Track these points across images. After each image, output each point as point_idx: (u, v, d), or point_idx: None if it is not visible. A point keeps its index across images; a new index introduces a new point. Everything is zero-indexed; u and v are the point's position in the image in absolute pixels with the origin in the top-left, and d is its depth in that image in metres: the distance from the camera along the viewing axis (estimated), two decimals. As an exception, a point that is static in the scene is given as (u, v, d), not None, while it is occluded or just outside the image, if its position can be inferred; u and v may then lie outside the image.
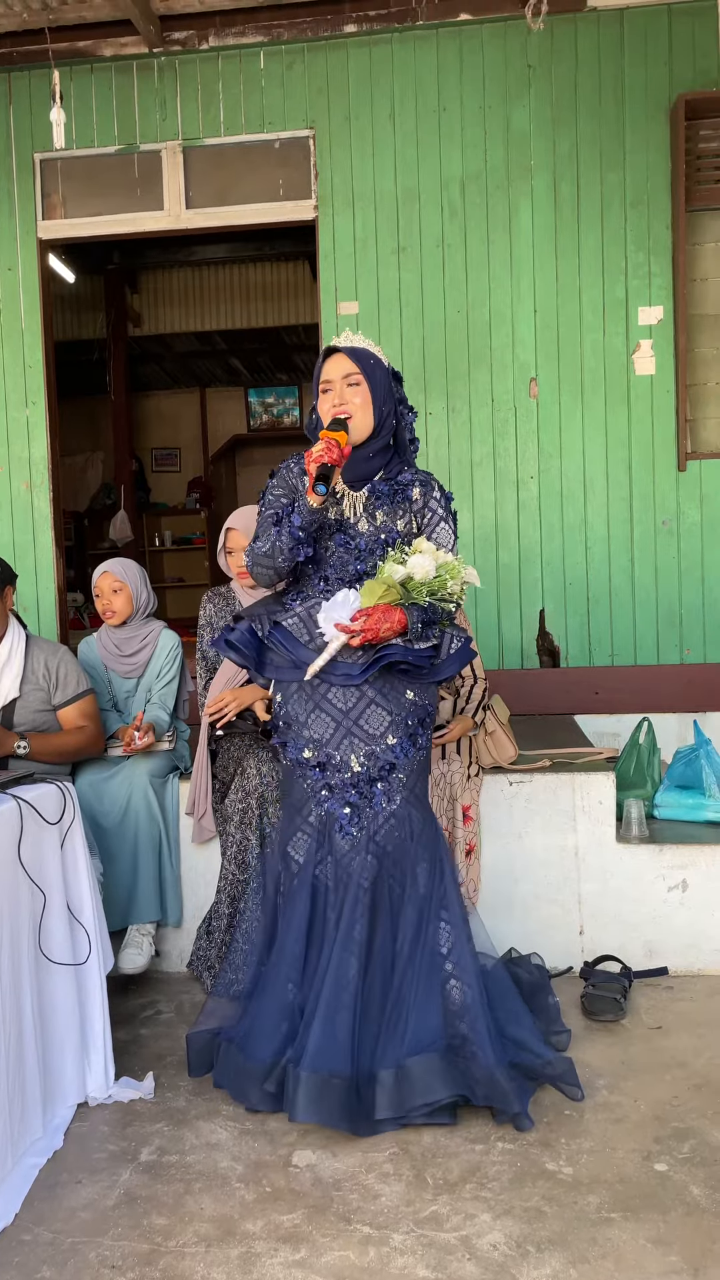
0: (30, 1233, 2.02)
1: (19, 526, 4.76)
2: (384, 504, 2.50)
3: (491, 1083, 2.29)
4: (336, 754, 2.46)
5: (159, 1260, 1.92)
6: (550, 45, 4.40)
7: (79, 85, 4.62)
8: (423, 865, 2.43)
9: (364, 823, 2.43)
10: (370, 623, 2.34)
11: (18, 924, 2.30)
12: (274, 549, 2.44)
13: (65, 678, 3.07)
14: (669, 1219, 1.99)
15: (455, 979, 2.37)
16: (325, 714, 2.46)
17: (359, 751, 2.45)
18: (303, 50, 4.51)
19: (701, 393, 4.49)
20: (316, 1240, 1.97)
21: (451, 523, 2.54)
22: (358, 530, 2.48)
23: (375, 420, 2.48)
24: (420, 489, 2.52)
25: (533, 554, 4.51)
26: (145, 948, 3.08)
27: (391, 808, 2.44)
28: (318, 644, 2.45)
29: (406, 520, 2.50)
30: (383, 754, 2.44)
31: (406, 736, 2.46)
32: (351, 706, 2.46)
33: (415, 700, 2.48)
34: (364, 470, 2.50)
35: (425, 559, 2.38)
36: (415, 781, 2.48)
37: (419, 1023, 2.31)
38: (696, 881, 3.11)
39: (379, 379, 2.48)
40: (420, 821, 2.47)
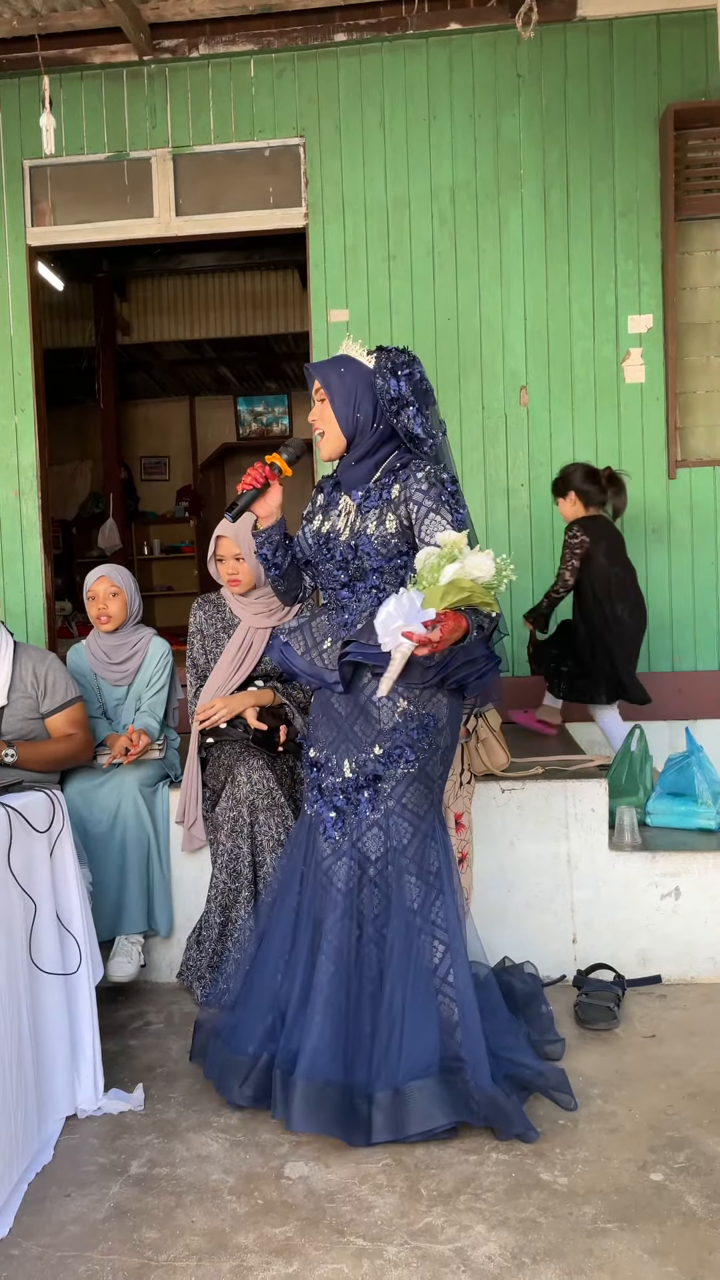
0: (19, 1247, 1.99)
1: (7, 534, 4.73)
2: (364, 509, 2.43)
3: (493, 1105, 2.26)
4: (334, 757, 2.46)
5: (149, 1274, 1.90)
6: (540, 55, 4.41)
7: (69, 92, 4.61)
8: (409, 878, 2.36)
9: (347, 829, 2.41)
10: (445, 630, 2.16)
11: (10, 933, 2.27)
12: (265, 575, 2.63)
13: (53, 685, 3.04)
14: (665, 1229, 1.97)
15: (449, 999, 2.32)
16: (330, 718, 2.49)
17: (351, 757, 2.44)
18: (293, 58, 4.52)
19: (691, 401, 4.50)
20: (309, 1253, 1.94)
21: (447, 511, 2.35)
22: (339, 540, 2.46)
23: (346, 430, 2.43)
24: (399, 486, 2.38)
25: (523, 562, 4.50)
26: (134, 956, 3.05)
27: (374, 817, 2.39)
28: (312, 656, 2.46)
29: (380, 521, 2.38)
30: (369, 763, 2.41)
31: (394, 748, 2.38)
32: (348, 713, 2.46)
33: (408, 710, 2.37)
34: (355, 477, 2.48)
35: (484, 559, 2.20)
36: (404, 793, 2.39)
37: (414, 1044, 2.27)
38: (689, 889, 3.10)
39: (346, 385, 2.40)
40: (409, 834, 2.38)
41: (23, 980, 2.29)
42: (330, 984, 2.31)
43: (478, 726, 3.22)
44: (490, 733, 3.24)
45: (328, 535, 2.48)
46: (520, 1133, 2.27)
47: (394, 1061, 2.26)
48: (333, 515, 2.51)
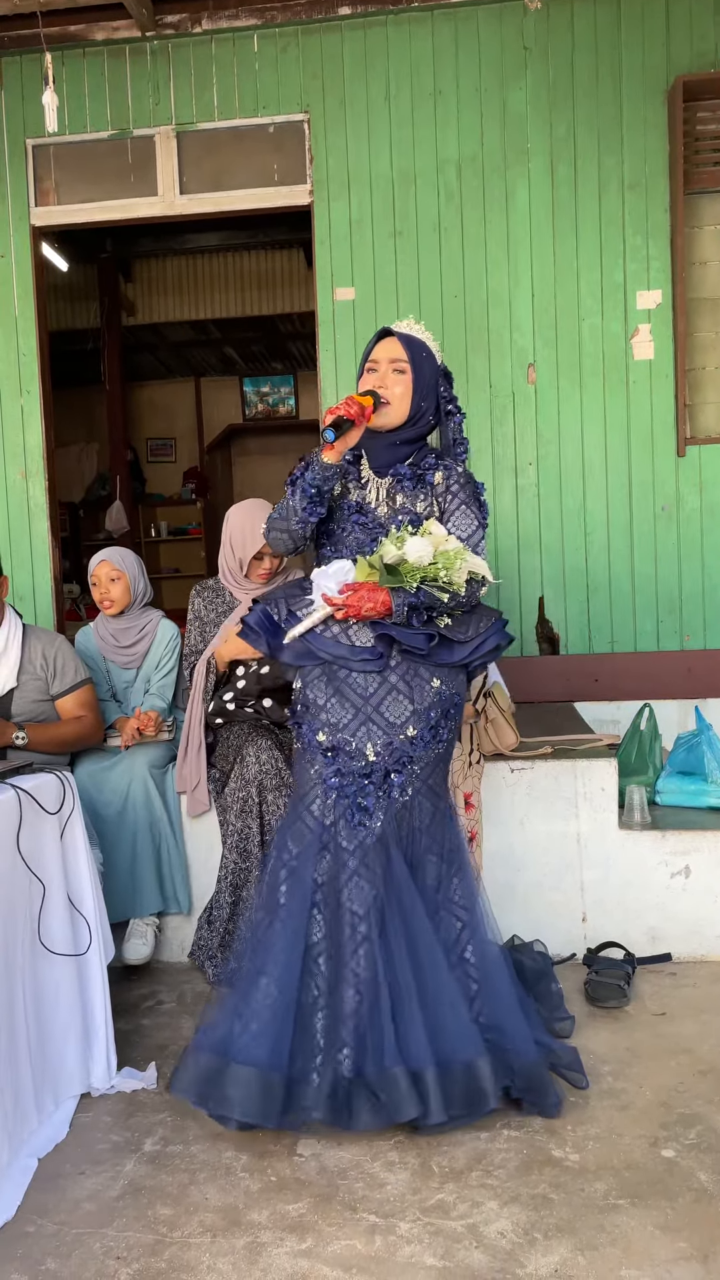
0: (34, 1224, 2.01)
1: (14, 516, 4.72)
2: (405, 488, 2.49)
3: (531, 1076, 2.26)
4: (352, 741, 2.38)
5: (164, 1251, 1.91)
6: (547, 27, 4.35)
7: (71, 70, 4.57)
8: (431, 857, 2.38)
9: (376, 813, 2.36)
10: (354, 598, 2.31)
11: (14, 915, 2.28)
12: (287, 509, 2.45)
13: (63, 667, 3.04)
14: (677, 1205, 1.98)
15: (471, 975, 2.32)
16: (345, 699, 2.41)
17: (376, 740, 2.37)
18: (297, 33, 4.46)
19: (700, 377, 4.46)
20: (322, 1229, 1.95)
21: (476, 510, 2.48)
22: (376, 514, 2.48)
23: (411, 411, 2.46)
24: (443, 473, 2.49)
25: (531, 541, 4.48)
26: (149, 937, 3.07)
27: (404, 799, 2.38)
28: (332, 633, 2.42)
29: (428, 504, 2.48)
30: (401, 745, 2.37)
31: (428, 728, 2.39)
32: (373, 692, 2.40)
33: (441, 689, 2.41)
34: (389, 458, 2.51)
35: (422, 543, 2.31)
36: (431, 773, 2.42)
37: (455, 1022, 2.25)
38: (699, 867, 3.10)
39: (425, 372, 2.47)
40: (430, 813, 2.40)
41: (22, 961, 2.30)
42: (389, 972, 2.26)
43: (486, 707, 3.21)
44: (499, 713, 3.23)
45: (359, 504, 2.50)
46: (552, 1104, 2.27)
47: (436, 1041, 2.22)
48: (354, 486, 2.53)
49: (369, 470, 2.53)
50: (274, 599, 2.51)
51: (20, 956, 2.30)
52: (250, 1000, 2.29)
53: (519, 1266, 1.83)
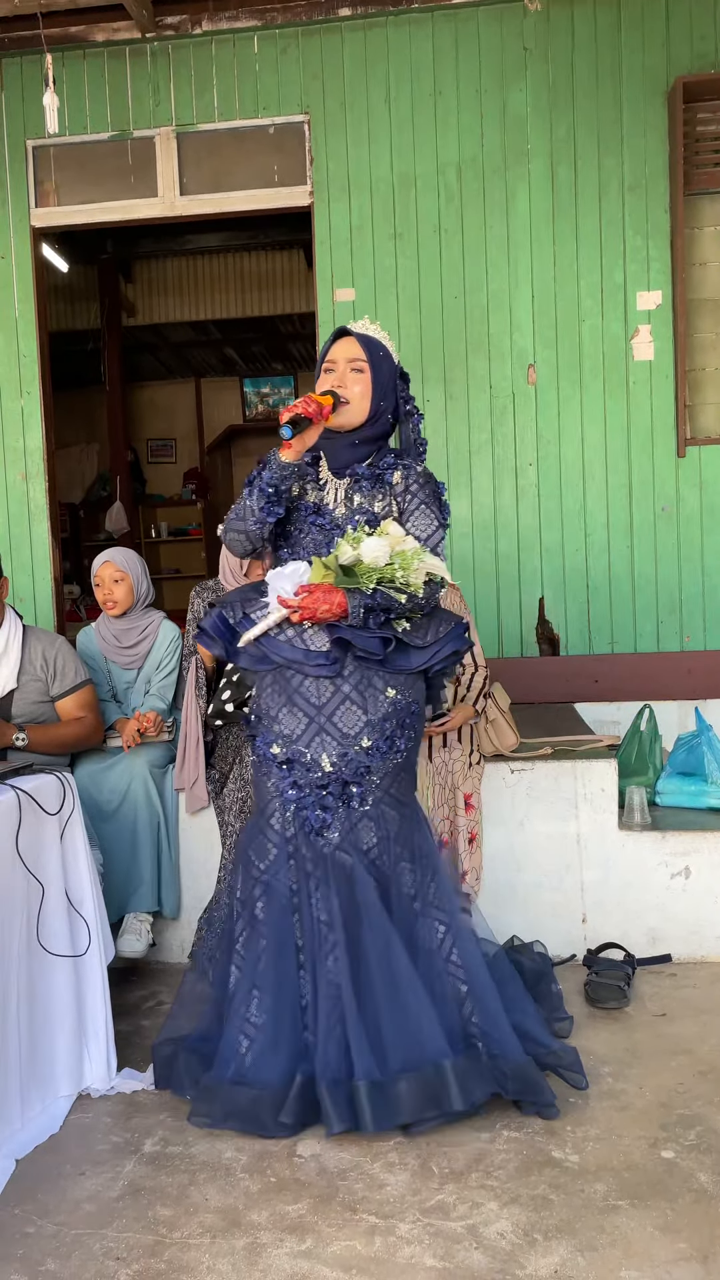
0: (34, 1225, 2.01)
1: (14, 517, 4.73)
2: (364, 488, 2.44)
3: (523, 1077, 2.26)
4: (307, 752, 2.33)
5: (164, 1251, 1.91)
6: (547, 28, 4.36)
7: (71, 71, 4.57)
8: (404, 865, 2.35)
9: (337, 824, 2.33)
10: (308, 600, 2.26)
11: (11, 916, 2.28)
12: (244, 510, 2.39)
13: (63, 668, 3.04)
14: (676, 1206, 1.98)
15: (457, 977, 2.32)
16: (297, 708, 2.35)
17: (331, 750, 2.33)
18: (297, 34, 4.47)
19: (700, 378, 4.46)
20: (322, 1230, 1.95)
21: (435, 510, 2.44)
22: (334, 515, 2.43)
23: (371, 411, 2.43)
24: (402, 473, 2.44)
25: (532, 541, 4.49)
26: (144, 934, 3.06)
27: (364, 809, 2.34)
28: (287, 636, 2.36)
29: (386, 503, 2.43)
30: (357, 756, 2.32)
31: (384, 739, 2.33)
32: (325, 701, 2.34)
33: (397, 699, 2.36)
34: (348, 458, 2.46)
35: (378, 543, 2.26)
36: (392, 783, 2.37)
37: (437, 1023, 2.25)
38: (699, 868, 3.10)
39: (384, 371, 2.44)
40: (398, 821, 2.36)
41: (18, 961, 2.30)
42: (351, 981, 2.26)
43: (486, 707, 3.21)
44: (499, 713, 3.23)
45: (317, 505, 2.45)
46: (547, 1103, 2.27)
47: (419, 1041, 2.24)
48: (312, 487, 2.48)
49: (327, 471, 2.48)
50: (229, 602, 2.46)
51: (15, 957, 2.30)
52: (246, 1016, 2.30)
53: (519, 1267, 1.83)
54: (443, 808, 3.07)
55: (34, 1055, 2.37)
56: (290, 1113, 2.24)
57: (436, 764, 3.08)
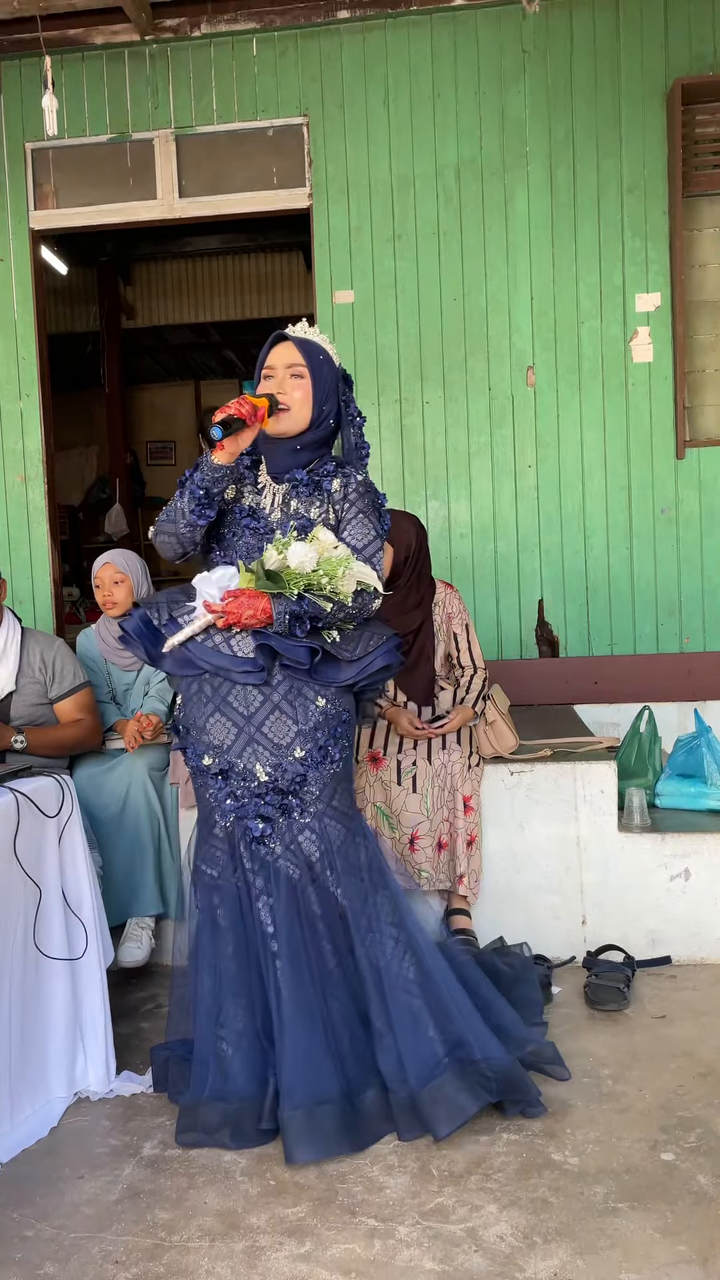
0: (33, 1228, 2.00)
1: (14, 520, 4.73)
2: (301, 493, 2.38)
3: (507, 1079, 2.25)
4: (239, 762, 2.29)
5: (163, 1255, 1.91)
6: (545, 30, 4.36)
7: (70, 74, 4.58)
8: (348, 878, 2.30)
9: (277, 834, 2.29)
10: (233, 605, 2.21)
11: (8, 919, 2.28)
12: (175, 511, 2.31)
13: (62, 670, 3.04)
14: (676, 1209, 1.97)
15: (419, 987, 2.28)
16: (226, 718, 2.29)
17: (264, 761, 2.28)
18: (296, 37, 4.47)
19: (700, 380, 4.46)
20: (321, 1233, 1.95)
21: (373, 520, 2.37)
22: (269, 519, 2.37)
23: (313, 416, 2.36)
24: (341, 481, 2.37)
25: (531, 543, 4.49)
26: (145, 941, 3.06)
27: (305, 820, 2.29)
28: (214, 642, 2.31)
29: (323, 510, 2.36)
30: (291, 766, 2.27)
31: (316, 749, 2.29)
32: (254, 711, 2.29)
33: (327, 709, 2.30)
34: (289, 463, 2.40)
35: (305, 549, 2.22)
36: (332, 793, 2.32)
37: (413, 1044, 2.23)
38: (699, 870, 3.10)
39: (324, 376, 2.38)
40: (340, 834, 2.32)
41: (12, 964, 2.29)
42: (295, 998, 2.23)
43: (486, 709, 3.21)
44: (499, 715, 3.23)
45: (253, 509, 2.39)
46: (531, 1101, 2.26)
47: (398, 1063, 2.23)
48: (250, 491, 2.42)
49: (266, 476, 2.42)
50: (155, 604, 2.39)
51: (11, 960, 2.30)
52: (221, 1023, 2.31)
53: (518, 1270, 1.82)
54: (442, 810, 3.07)
55: (25, 1058, 2.37)
56: (271, 1118, 2.25)
57: (436, 766, 3.08)
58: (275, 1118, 2.24)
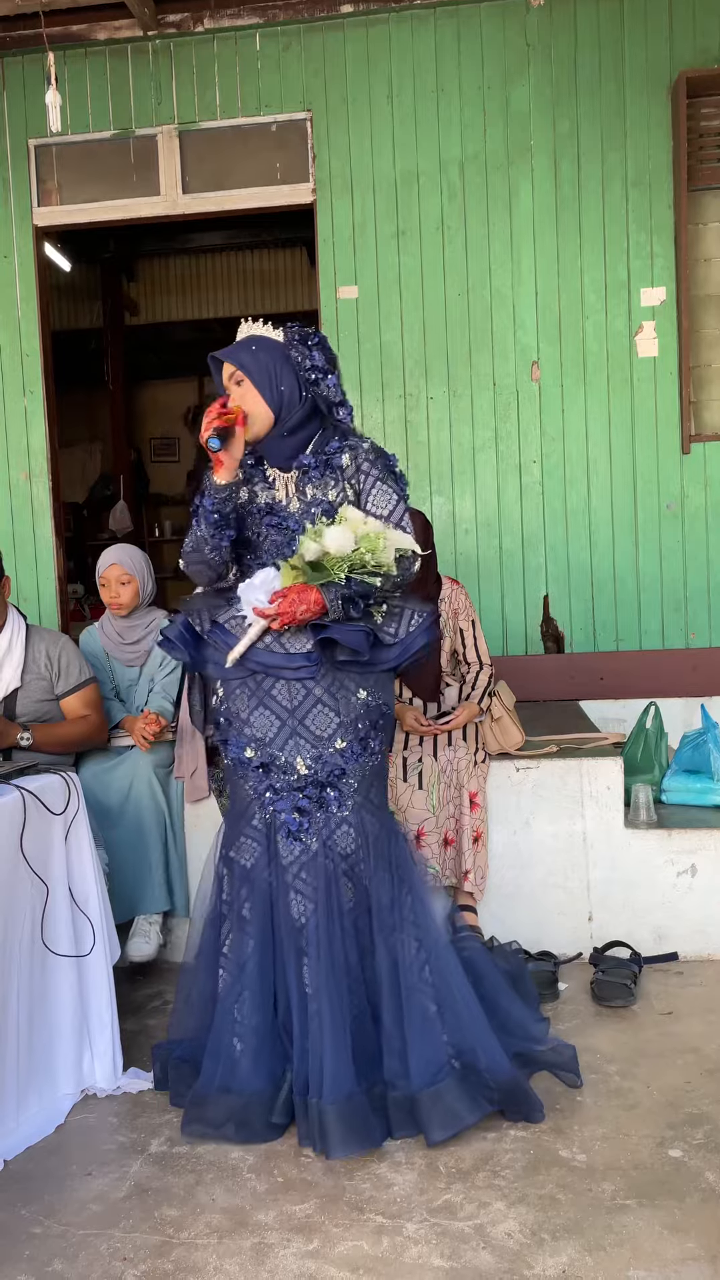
0: (41, 1225, 2.01)
1: (18, 517, 4.72)
2: (313, 478, 2.36)
3: (509, 1091, 2.24)
4: (281, 755, 2.31)
5: (171, 1252, 1.91)
6: (549, 23, 4.34)
7: (73, 69, 4.57)
8: (381, 875, 2.31)
9: (315, 829, 2.29)
10: (285, 605, 2.20)
11: (15, 916, 2.28)
12: (198, 539, 2.34)
13: (67, 667, 3.04)
14: (684, 1205, 1.97)
15: (434, 990, 2.27)
16: (269, 711, 2.31)
17: (306, 753, 2.30)
18: (299, 32, 4.46)
19: (705, 374, 4.45)
20: (329, 1230, 1.95)
21: (393, 483, 2.35)
22: (289, 511, 2.36)
23: (272, 405, 2.34)
24: (349, 454, 2.34)
25: (536, 539, 4.48)
26: (153, 936, 3.06)
27: (344, 814, 2.31)
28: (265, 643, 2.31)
29: (339, 489, 2.35)
30: (331, 758, 2.29)
31: (357, 740, 2.30)
32: (298, 704, 2.30)
33: (368, 701, 2.32)
34: (288, 450, 2.38)
35: (342, 531, 2.21)
36: (369, 788, 2.34)
37: (420, 1046, 2.22)
38: (705, 866, 3.09)
39: (262, 363, 2.34)
40: (376, 829, 2.33)
41: (21, 962, 2.29)
42: (328, 993, 2.23)
43: (491, 706, 3.21)
44: (504, 712, 3.23)
45: (270, 505, 2.38)
46: (537, 1114, 2.25)
47: (403, 1063, 2.22)
48: (262, 488, 2.41)
49: (273, 469, 2.41)
50: (195, 609, 2.40)
51: (18, 958, 2.30)
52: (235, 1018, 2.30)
53: (526, 1267, 1.82)
54: (448, 806, 3.07)
55: (33, 1055, 2.37)
56: (282, 1113, 2.26)
57: (442, 763, 3.07)
58: (287, 1112, 2.25)
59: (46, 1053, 2.42)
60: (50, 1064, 2.43)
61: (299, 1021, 2.25)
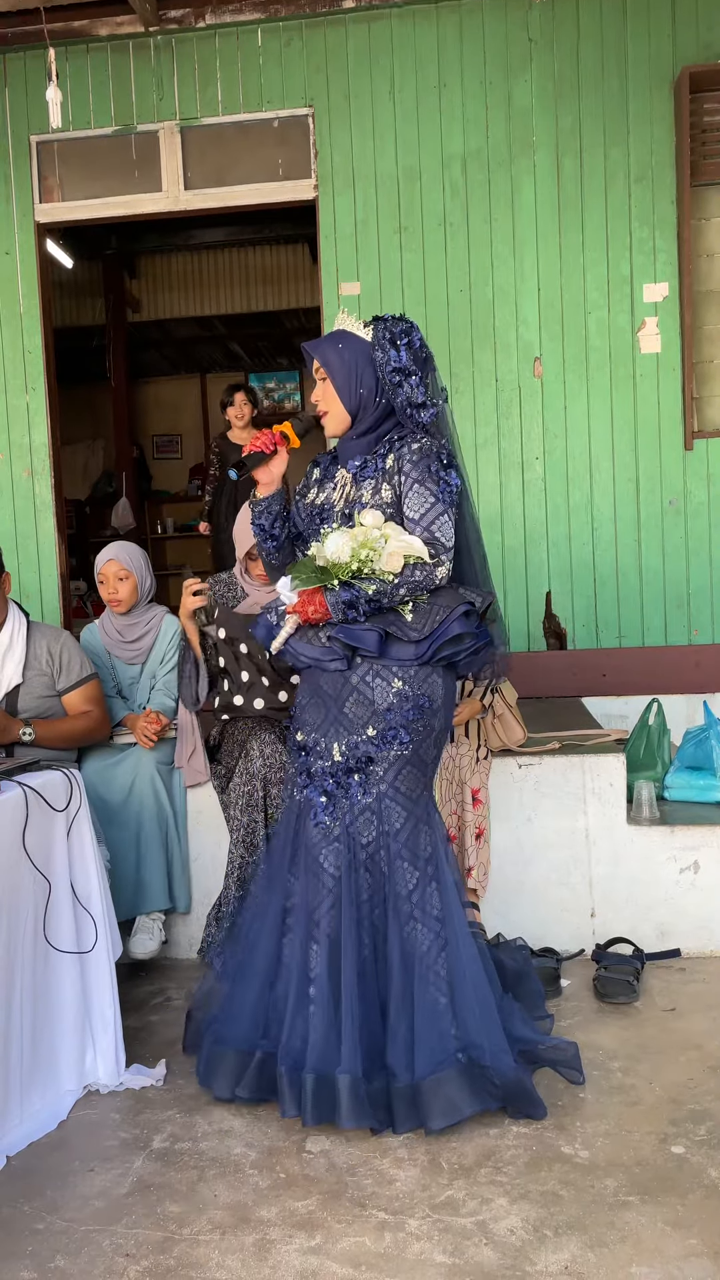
0: (43, 1221, 2.01)
1: (20, 514, 4.73)
2: (359, 479, 2.42)
3: (512, 1089, 2.24)
4: (322, 740, 2.39)
5: (173, 1248, 1.91)
6: (552, 18, 4.34)
7: (74, 66, 4.56)
8: (401, 864, 2.32)
9: (338, 813, 2.34)
10: (298, 605, 2.33)
11: (18, 912, 2.28)
12: (261, 550, 2.55)
13: (69, 662, 3.04)
14: (687, 1202, 1.97)
15: (447, 984, 2.29)
16: (320, 699, 2.42)
17: (341, 740, 2.37)
18: (300, 27, 4.45)
19: (708, 370, 4.44)
20: (331, 1226, 1.95)
21: (431, 486, 2.32)
22: (334, 511, 2.43)
23: (350, 406, 2.40)
24: (394, 456, 2.37)
25: (538, 535, 4.47)
26: (156, 933, 3.06)
27: (366, 800, 2.34)
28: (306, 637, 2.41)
29: (375, 489, 2.37)
30: (361, 745, 2.34)
31: (388, 729, 2.33)
32: (338, 693, 2.38)
33: (404, 690, 2.33)
34: (354, 451, 2.46)
35: (339, 538, 2.29)
36: (397, 776, 2.34)
37: (427, 1034, 2.24)
38: (708, 863, 3.09)
39: (346, 362, 2.39)
40: (401, 819, 2.34)
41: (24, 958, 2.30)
42: (329, 974, 2.27)
43: (494, 702, 3.20)
44: (507, 708, 3.22)
45: (322, 507, 2.46)
46: (540, 1114, 2.25)
47: (408, 1053, 2.23)
48: (328, 488, 2.49)
49: (341, 469, 2.47)
50: (270, 605, 2.52)
51: (21, 954, 2.30)
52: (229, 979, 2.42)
53: (529, 1264, 1.82)
54: (450, 803, 3.07)
55: (36, 1052, 2.37)
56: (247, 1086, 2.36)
57: (444, 759, 3.07)
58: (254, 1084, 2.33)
59: (49, 1049, 2.42)
60: (53, 1060, 2.43)
61: (298, 999, 2.30)
